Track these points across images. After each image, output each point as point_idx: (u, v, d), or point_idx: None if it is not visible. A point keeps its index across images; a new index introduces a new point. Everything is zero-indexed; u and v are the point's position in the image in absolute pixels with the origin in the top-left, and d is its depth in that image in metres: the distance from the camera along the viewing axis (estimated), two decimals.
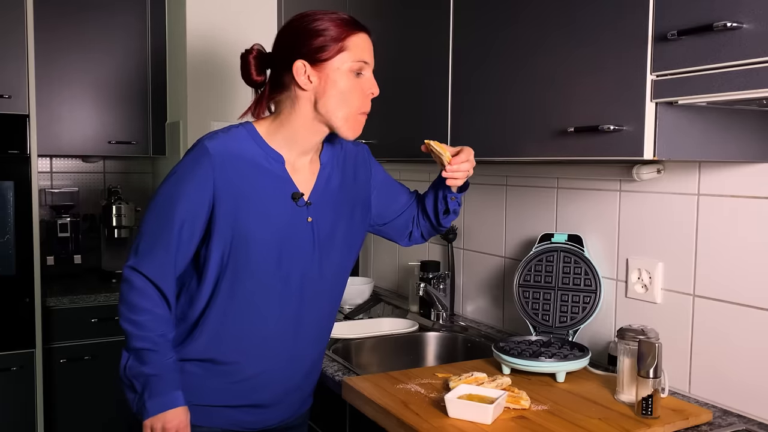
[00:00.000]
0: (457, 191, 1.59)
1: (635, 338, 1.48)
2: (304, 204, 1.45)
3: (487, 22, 1.67)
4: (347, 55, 1.37)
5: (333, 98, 1.38)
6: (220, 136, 1.40)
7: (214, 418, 1.45)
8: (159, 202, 1.39)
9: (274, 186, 1.42)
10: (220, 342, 1.42)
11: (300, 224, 1.44)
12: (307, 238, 1.45)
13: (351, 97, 1.39)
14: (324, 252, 1.47)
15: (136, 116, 3.25)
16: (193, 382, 1.43)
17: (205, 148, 1.37)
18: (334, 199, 1.51)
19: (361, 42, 1.39)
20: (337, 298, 1.56)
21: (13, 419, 2.74)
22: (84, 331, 2.91)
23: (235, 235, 1.38)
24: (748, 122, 1.39)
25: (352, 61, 1.38)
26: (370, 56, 1.42)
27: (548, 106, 1.48)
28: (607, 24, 1.33)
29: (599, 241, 1.86)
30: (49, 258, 3.18)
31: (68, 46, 3.09)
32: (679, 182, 1.64)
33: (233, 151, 1.38)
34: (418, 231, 1.71)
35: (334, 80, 1.37)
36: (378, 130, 2.16)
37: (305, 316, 1.47)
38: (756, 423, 1.47)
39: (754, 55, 1.07)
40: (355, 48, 1.38)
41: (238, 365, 1.44)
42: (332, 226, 1.49)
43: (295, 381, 1.52)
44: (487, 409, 1.36)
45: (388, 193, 1.66)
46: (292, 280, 1.44)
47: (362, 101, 1.41)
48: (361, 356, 2.12)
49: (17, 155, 2.73)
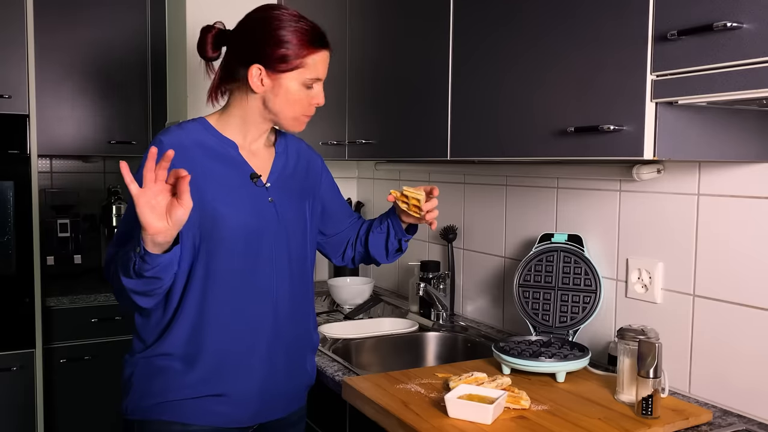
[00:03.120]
0: (410, 232, 1.70)
1: (635, 338, 1.48)
2: (263, 185, 1.52)
3: (487, 22, 1.67)
4: (304, 71, 1.47)
5: (281, 102, 1.48)
6: (173, 130, 1.49)
7: (204, 415, 1.45)
8: (127, 208, 1.45)
9: (230, 169, 1.49)
10: (201, 328, 1.44)
11: (263, 204, 1.50)
12: (272, 218, 1.51)
13: (297, 104, 1.49)
14: (290, 233, 1.53)
15: (136, 116, 3.25)
16: (179, 380, 1.44)
17: (159, 141, 1.45)
18: (289, 184, 1.58)
19: (320, 59, 1.48)
20: (308, 283, 1.61)
21: (13, 419, 2.74)
22: (84, 331, 2.91)
23: (203, 217, 1.42)
24: (748, 122, 1.39)
25: (306, 77, 1.47)
26: (325, 71, 1.51)
27: (548, 106, 1.48)
28: (607, 24, 1.33)
29: (599, 241, 1.86)
30: (49, 258, 3.18)
31: (68, 46, 3.09)
32: (679, 182, 1.64)
33: (187, 142, 1.47)
34: (352, 253, 1.79)
35: (285, 88, 1.47)
36: (378, 131, 2.17)
37: (281, 298, 1.51)
38: (756, 423, 1.47)
39: (754, 55, 1.07)
40: (313, 66, 1.47)
41: (217, 352, 1.44)
42: (292, 209, 1.56)
43: (279, 371, 1.52)
44: (487, 409, 1.36)
45: (333, 205, 1.75)
46: (263, 259, 1.48)
47: (307, 108, 1.51)
48: (361, 356, 2.12)
49: (17, 155, 2.73)
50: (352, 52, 2.30)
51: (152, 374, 1.45)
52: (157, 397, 1.44)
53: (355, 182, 3.18)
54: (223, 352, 1.45)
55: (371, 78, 2.20)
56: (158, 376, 1.45)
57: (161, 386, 1.44)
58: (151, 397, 1.45)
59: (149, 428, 1.46)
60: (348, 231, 1.78)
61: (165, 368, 1.44)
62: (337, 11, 2.39)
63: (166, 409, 1.44)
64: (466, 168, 2.37)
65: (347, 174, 3.16)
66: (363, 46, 2.25)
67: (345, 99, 2.34)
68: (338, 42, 2.38)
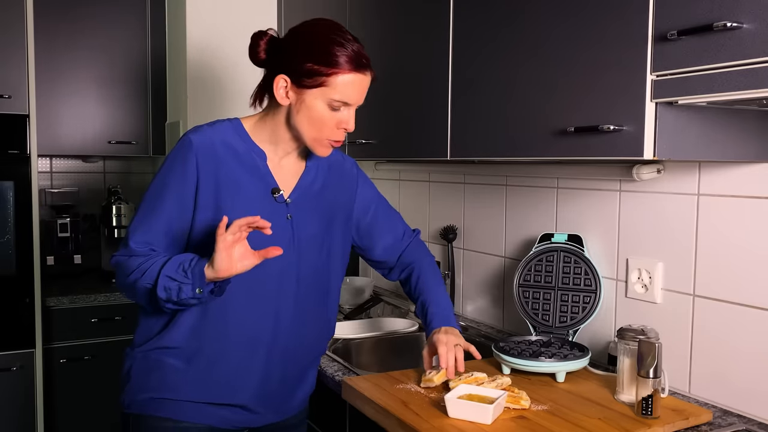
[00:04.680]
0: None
1: (635, 338, 1.48)
2: (284, 201, 1.47)
3: (487, 22, 1.67)
4: (329, 91, 1.37)
5: (303, 120, 1.41)
6: (205, 130, 1.44)
7: (198, 414, 1.45)
8: (147, 197, 1.43)
9: (254, 179, 1.45)
10: (201, 329, 1.43)
11: (279, 221, 1.45)
12: (286, 236, 1.46)
13: (322, 126, 1.41)
14: (303, 252, 1.49)
15: (136, 116, 3.25)
16: (175, 378, 1.44)
17: (189, 140, 1.41)
18: (315, 201, 1.53)
19: (351, 82, 1.38)
20: (322, 301, 1.56)
21: (13, 419, 2.74)
22: (84, 331, 2.91)
23: (216, 220, 1.39)
24: (748, 122, 1.39)
25: (332, 97, 1.38)
26: (357, 96, 1.41)
27: (548, 106, 1.48)
28: (607, 24, 1.33)
29: (599, 241, 1.86)
30: (49, 258, 3.18)
31: (68, 46, 3.09)
32: (679, 182, 1.64)
33: (216, 144, 1.42)
34: (397, 275, 1.77)
35: (308, 105, 1.39)
36: (378, 130, 2.17)
37: (283, 313, 1.48)
38: (756, 423, 1.47)
39: (754, 55, 1.07)
40: (341, 87, 1.37)
41: (217, 353, 1.44)
42: (312, 227, 1.51)
43: (275, 381, 1.51)
44: (487, 409, 1.36)
45: (368, 219, 1.68)
46: (270, 276, 1.44)
47: (332, 132, 1.42)
48: (361, 356, 2.12)
49: (17, 155, 2.73)
50: None
51: (150, 369, 1.45)
52: (153, 392, 1.45)
53: None
54: (221, 355, 1.44)
55: None
56: (156, 371, 1.45)
57: (158, 382, 1.44)
58: (148, 392, 1.45)
59: (144, 423, 1.46)
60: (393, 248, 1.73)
61: (163, 364, 1.44)
62: (337, 11, 2.39)
63: (162, 405, 1.44)
64: (466, 168, 2.37)
65: None
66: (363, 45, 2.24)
67: None
68: None
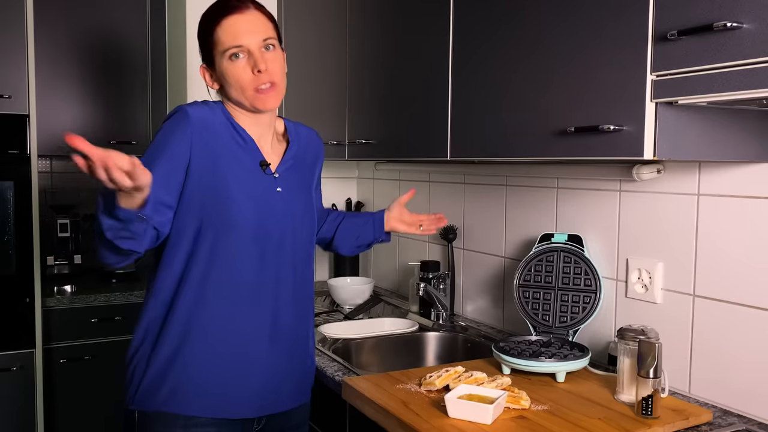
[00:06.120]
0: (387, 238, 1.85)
1: (635, 338, 1.48)
2: (271, 174, 1.52)
3: (487, 22, 1.67)
4: (219, 46, 1.44)
5: (230, 88, 1.46)
6: (199, 105, 1.48)
7: (199, 406, 1.45)
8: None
9: (245, 153, 1.49)
10: (203, 306, 1.44)
11: (271, 192, 1.51)
12: (280, 207, 1.51)
13: (240, 79, 1.43)
14: (296, 222, 1.54)
15: (136, 116, 3.25)
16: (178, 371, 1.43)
17: (185, 111, 1.44)
18: (296, 175, 1.58)
19: (229, 26, 1.43)
20: (309, 278, 1.62)
21: (13, 419, 2.74)
22: (84, 331, 2.91)
23: (215, 194, 1.42)
24: (748, 122, 1.39)
25: (224, 50, 1.43)
26: (245, 37, 1.42)
27: (548, 106, 1.48)
28: (607, 24, 1.33)
29: (599, 241, 1.86)
30: (49, 258, 3.18)
31: (68, 46, 3.09)
32: (679, 182, 1.64)
33: (210, 119, 1.46)
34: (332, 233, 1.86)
35: (221, 73, 1.46)
36: (378, 130, 2.17)
37: (282, 281, 1.51)
38: (756, 423, 1.47)
39: (754, 55, 1.07)
40: (223, 35, 1.43)
41: (220, 332, 1.45)
42: (298, 200, 1.56)
43: (281, 359, 1.52)
44: (487, 409, 1.36)
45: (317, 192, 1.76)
46: (269, 244, 1.48)
47: (252, 81, 1.43)
48: (361, 356, 2.12)
49: (17, 155, 2.73)
50: (352, 51, 2.30)
51: (155, 365, 1.45)
52: (159, 388, 1.44)
53: (355, 182, 3.18)
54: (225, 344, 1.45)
55: (371, 78, 2.20)
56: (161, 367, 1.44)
57: (164, 377, 1.44)
58: (154, 388, 1.44)
59: (150, 419, 1.45)
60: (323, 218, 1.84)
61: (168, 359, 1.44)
62: (337, 11, 2.39)
63: (168, 401, 1.44)
64: (466, 168, 2.37)
65: (347, 174, 3.16)
66: (363, 45, 2.25)
67: (345, 99, 2.34)
68: (339, 41, 2.38)
